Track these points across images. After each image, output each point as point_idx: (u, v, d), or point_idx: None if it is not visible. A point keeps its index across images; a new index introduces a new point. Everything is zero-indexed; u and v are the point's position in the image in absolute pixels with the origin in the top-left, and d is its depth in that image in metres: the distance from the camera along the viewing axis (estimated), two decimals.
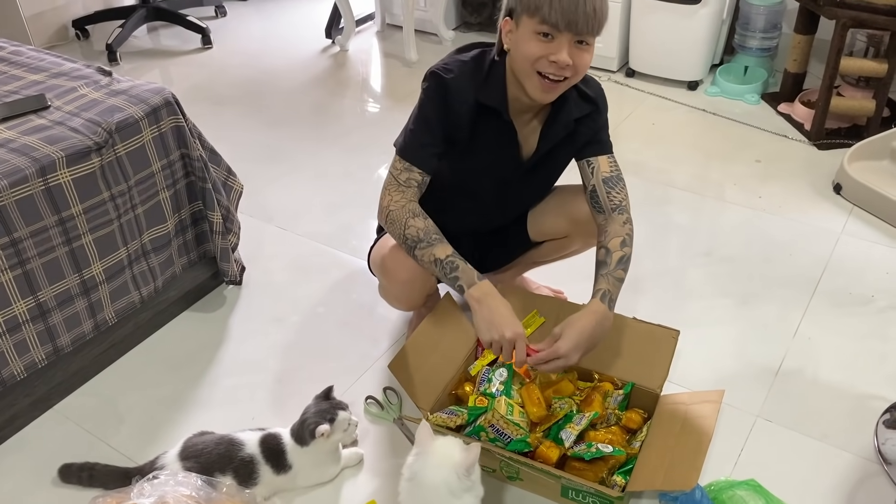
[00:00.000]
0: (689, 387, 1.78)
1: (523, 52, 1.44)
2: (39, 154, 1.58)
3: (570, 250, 1.85)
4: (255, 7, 4.20)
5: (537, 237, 1.83)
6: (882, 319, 1.98)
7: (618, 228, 1.58)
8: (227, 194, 2.01)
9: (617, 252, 1.55)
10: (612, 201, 1.61)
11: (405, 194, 1.55)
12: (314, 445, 1.48)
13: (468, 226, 1.76)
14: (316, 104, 3.18)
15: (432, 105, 1.53)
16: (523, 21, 1.42)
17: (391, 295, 1.80)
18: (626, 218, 1.60)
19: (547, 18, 1.38)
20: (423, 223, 1.54)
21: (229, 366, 1.90)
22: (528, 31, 1.42)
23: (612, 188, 1.62)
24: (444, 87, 1.51)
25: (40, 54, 2.02)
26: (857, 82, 2.77)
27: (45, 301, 1.66)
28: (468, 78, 1.52)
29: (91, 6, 3.83)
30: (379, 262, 1.71)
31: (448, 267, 1.51)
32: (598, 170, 1.63)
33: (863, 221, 2.34)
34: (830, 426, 1.69)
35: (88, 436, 1.72)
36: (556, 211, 1.77)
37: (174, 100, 1.81)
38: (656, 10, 3.01)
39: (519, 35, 1.44)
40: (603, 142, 1.64)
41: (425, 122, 1.54)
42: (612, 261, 1.54)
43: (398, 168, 1.56)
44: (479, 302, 1.48)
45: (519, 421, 1.56)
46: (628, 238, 1.57)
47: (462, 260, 1.51)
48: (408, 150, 1.56)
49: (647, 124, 2.92)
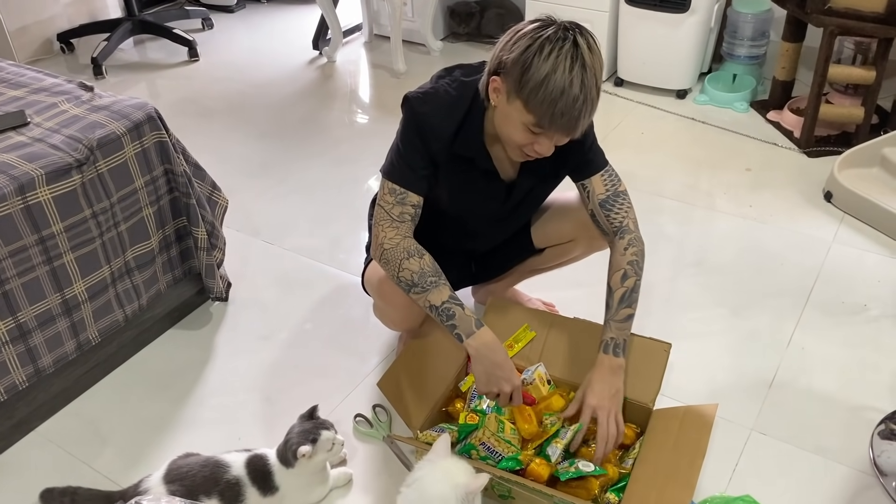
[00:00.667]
0: (683, 400, 1.76)
1: (508, 132, 1.41)
2: (18, 172, 1.55)
3: (573, 255, 1.82)
4: (242, 19, 4.18)
5: (542, 243, 1.80)
6: (875, 328, 1.97)
7: (619, 259, 1.56)
8: (212, 210, 1.98)
9: (619, 290, 1.53)
10: (612, 223, 1.59)
11: (399, 230, 1.50)
12: (299, 466, 1.45)
13: (461, 246, 1.74)
14: (303, 116, 3.15)
15: (412, 132, 1.48)
16: (516, 105, 1.35)
17: (387, 317, 1.77)
18: (627, 241, 1.57)
19: (543, 125, 1.34)
20: (417, 265, 1.47)
21: (215, 385, 1.87)
22: (518, 116, 1.36)
23: (611, 209, 1.59)
24: (418, 122, 1.47)
25: (21, 69, 2.00)
26: (845, 89, 2.77)
27: (25, 322, 1.62)
28: (443, 116, 1.47)
29: (76, 19, 3.79)
30: (375, 285, 1.66)
31: (444, 315, 1.46)
32: (593, 193, 1.60)
33: (854, 229, 2.33)
34: (825, 438, 1.67)
35: (71, 458, 1.68)
36: (561, 216, 1.74)
37: (157, 115, 1.78)
38: (644, 19, 3.00)
39: (508, 110, 1.38)
40: (592, 160, 1.60)
41: (410, 144, 1.49)
42: (614, 302, 1.53)
43: (389, 201, 1.50)
44: (478, 352, 1.45)
45: (510, 438, 1.53)
46: (630, 268, 1.54)
47: (459, 305, 1.46)
48: (396, 174, 1.50)
49: (637, 134, 2.91)
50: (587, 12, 3.06)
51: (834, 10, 2.57)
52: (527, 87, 1.31)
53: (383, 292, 1.63)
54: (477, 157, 1.51)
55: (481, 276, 1.89)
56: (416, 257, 1.48)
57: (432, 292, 1.46)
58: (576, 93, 1.30)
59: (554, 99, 1.30)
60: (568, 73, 1.29)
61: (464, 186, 1.56)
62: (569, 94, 1.29)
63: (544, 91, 1.29)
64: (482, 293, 2.02)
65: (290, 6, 4.31)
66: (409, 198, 1.50)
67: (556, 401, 1.63)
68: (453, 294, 1.47)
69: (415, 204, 1.51)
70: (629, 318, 1.53)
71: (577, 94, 1.30)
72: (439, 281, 1.47)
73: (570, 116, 1.32)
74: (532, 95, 1.31)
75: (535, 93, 1.30)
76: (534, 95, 1.31)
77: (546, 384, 1.67)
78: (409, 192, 1.50)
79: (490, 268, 1.87)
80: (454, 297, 1.47)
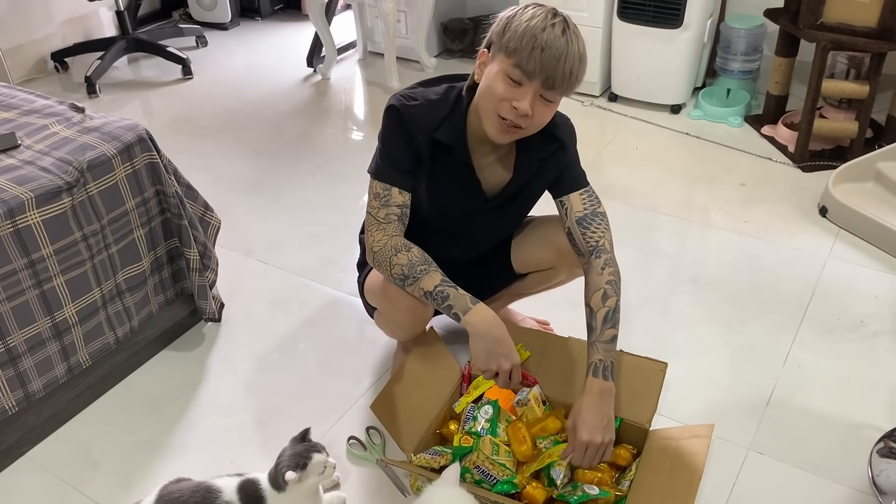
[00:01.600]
0: (679, 419, 1.74)
1: (489, 89, 1.43)
2: (8, 195, 1.54)
3: (556, 281, 1.82)
4: (237, 37, 4.19)
5: (522, 269, 1.79)
6: (872, 345, 1.96)
7: (597, 279, 1.53)
8: (205, 230, 1.97)
9: (601, 310, 1.50)
10: (587, 242, 1.58)
11: (386, 230, 1.52)
12: (290, 491, 1.43)
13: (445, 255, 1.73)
14: (298, 133, 3.15)
15: (394, 131, 1.51)
16: (498, 59, 1.41)
17: (393, 322, 1.74)
18: (604, 261, 1.55)
19: (522, 64, 1.37)
20: (405, 258, 1.50)
21: (207, 407, 1.85)
22: (499, 69, 1.40)
23: (587, 227, 1.58)
24: (401, 115, 1.50)
25: (12, 91, 1.99)
26: (839, 104, 2.77)
27: (14, 346, 1.61)
28: (428, 111, 1.51)
29: (70, 38, 3.80)
30: (380, 291, 1.65)
31: (439, 297, 1.47)
32: (570, 210, 1.59)
33: (849, 244, 2.33)
34: (823, 457, 1.66)
35: (62, 484, 1.66)
36: (540, 242, 1.74)
37: (148, 136, 1.78)
38: (638, 35, 3.01)
39: (490, 70, 1.43)
40: (572, 178, 1.60)
41: (392, 143, 1.52)
42: (597, 323, 1.50)
43: (375, 206, 1.53)
44: (476, 328, 1.44)
45: (505, 461, 1.52)
46: (609, 287, 1.52)
47: (452, 286, 1.47)
48: (381, 172, 1.53)
49: (631, 149, 2.91)
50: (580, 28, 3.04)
51: (826, 24, 2.58)
52: (508, 32, 1.38)
53: (388, 296, 1.62)
54: (457, 147, 1.52)
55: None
56: (404, 251, 1.50)
57: (423, 279, 1.48)
58: (557, 34, 1.36)
59: (534, 34, 1.35)
60: (549, 19, 1.37)
61: (442, 178, 1.57)
62: (549, 33, 1.35)
63: (525, 30, 1.36)
64: None
65: (285, 23, 4.32)
66: (393, 198, 1.52)
67: (552, 423, 1.62)
68: (444, 277, 1.49)
69: (400, 203, 1.52)
70: (614, 340, 1.50)
71: (558, 36, 1.36)
72: (429, 268, 1.49)
73: (550, 55, 1.35)
74: (515, 37, 1.37)
75: (517, 34, 1.37)
76: (517, 36, 1.37)
77: (541, 405, 1.66)
78: (393, 190, 1.52)
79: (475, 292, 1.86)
80: (446, 280, 1.48)
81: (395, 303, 1.63)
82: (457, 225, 1.67)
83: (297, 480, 1.41)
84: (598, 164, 1.57)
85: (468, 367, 1.76)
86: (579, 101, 3.23)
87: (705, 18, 2.96)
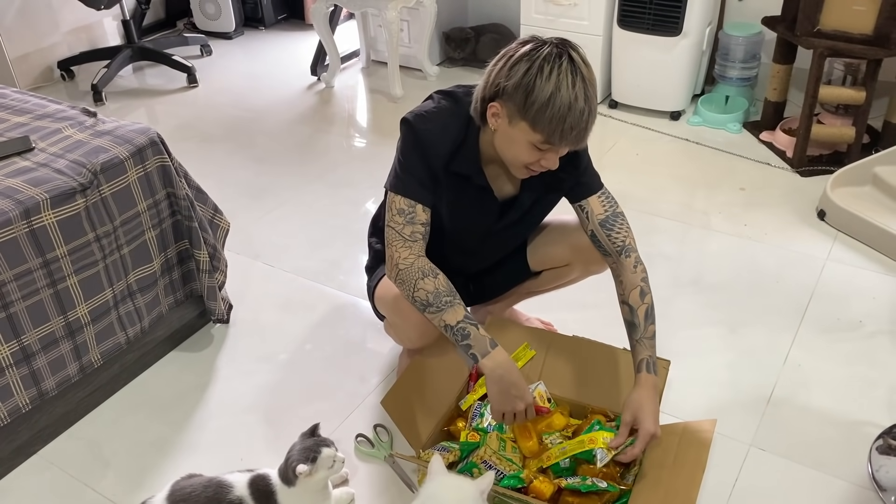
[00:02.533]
0: (682, 417, 1.77)
1: (514, 153, 1.45)
2: (23, 196, 1.57)
3: (569, 279, 1.84)
4: (241, 45, 4.23)
5: (538, 267, 1.82)
6: (871, 345, 1.99)
7: (631, 277, 1.58)
8: (214, 232, 2.00)
9: (641, 307, 1.55)
10: (614, 243, 1.61)
11: (412, 249, 1.51)
12: (300, 485, 1.46)
13: (460, 265, 1.76)
14: (302, 141, 3.19)
15: (413, 148, 1.51)
16: (521, 126, 1.39)
17: (403, 334, 1.76)
18: (635, 259, 1.60)
19: (552, 140, 1.38)
20: (432, 285, 1.49)
21: (217, 407, 1.88)
22: (524, 137, 1.40)
23: (612, 228, 1.62)
24: (418, 138, 1.50)
25: (24, 96, 2.02)
26: (836, 110, 2.81)
27: (29, 344, 1.63)
28: (442, 137, 1.50)
29: (76, 47, 3.84)
30: (391, 303, 1.66)
31: (459, 334, 1.47)
32: (592, 214, 1.63)
33: (848, 247, 2.36)
34: (824, 454, 1.69)
35: (74, 481, 1.69)
36: (557, 240, 1.76)
37: (159, 139, 1.81)
38: (637, 43, 3.05)
39: (512, 133, 1.42)
40: (588, 182, 1.63)
41: (412, 158, 1.52)
42: (639, 321, 1.55)
43: (399, 221, 1.51)
44: (493, 373, 1.47)
45: (511, 456, 1.55)
46: (644, 284, 1.57)
47: (473, 324, 1.47)
48: (402, 186, 1.52)
49: (631, 155, 2.95)
50: (581, 36, 3.11)
51: (823, 32, 2.62)
52: (532, 108, 1.35)
53: (400, 309, 1.63)
54: (473, 175, 1.54)
55: (479, 297, 1.91)
56: (431, 277, 1.49)
57: (447, 312, 1.48)
58: (581, 105, 1.35)
59: (563, 115, 1.34)
60: (572, 88, 1.34)
61: (460, 203, 1.59)
62: (575, 108, 1.35)
63: (551, 110, 1.34)
64: (481, 313, 2.04)
65: (289, 33, 4.37)
66: (417, 215, 1.52)
67: (558, 419, 1.64)
68: (468, 314, 1.49)
69: (423, 221, 1.53)
70: (654, 336, 1.56)
71: (583, 107, 1.35)
72: (454, 301, 1.49)
73: (579, 129, 1.37)
74: (539, 115, 1.35)
75: (541, 112, 1.35)
76: (541, 115, 1.35)
77: (546, 402, 1.68)
78: (417, 207, 1.52)
79: (488, 289, 1.89)
80: (469, 316, 1.48)
81: (405, 317, 1.64)
82: (475, 242, 1.70)
83: (308, 473, 1.43)
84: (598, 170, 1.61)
85: (475, 367, 1.79)
86: None
87: (704, 26, 3.01)
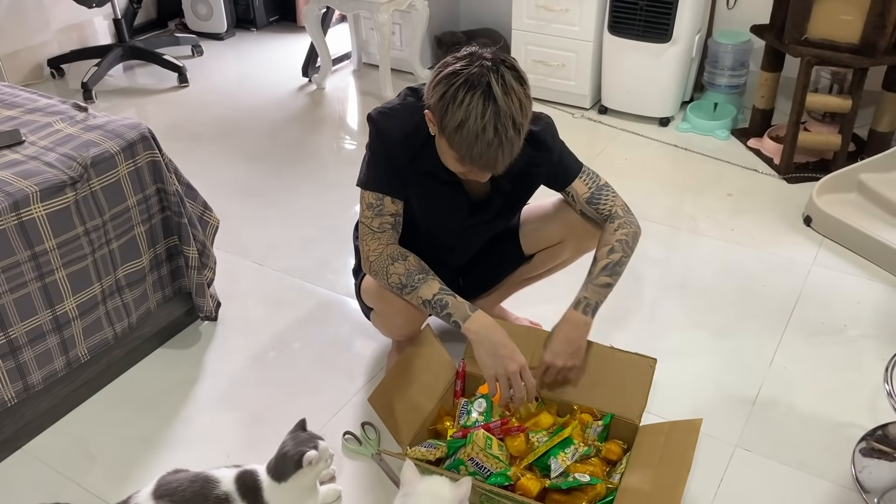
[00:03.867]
0: (668, 417, 1.78)
1: (446, 160, 1.47)
2: (13, 189, 1.57)
3: (562, 259, 1.86)
4: (232, 46, 4.23)
5: (531, 248, 1.84)
6: (855, 348, 2.01)
7: (607, 238, 1.63)
8: (203, 229, 2.00)
9: (603, 260, 1.60)
10: (601, 213, 1.66)
11: (381, 240, 1.56)
12: (293, 480, 1.45)
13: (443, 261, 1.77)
14: (292, 141, 3.19)
15: (380, 145, 1.55)
16: (443, 140, 1.41)
17: (390, 322, 1.77)
18: (617, 224, 1.64)
19: (466, 163, 1.40)
20: (402, 267, 1.53)
21: (204, 403, 1.87)
22: (447, 150, 1.41)
23: (597, 203, 1.66)
24: (382, 134, 1.53)
25: (15, 90, 2.02)
26: (822, 118, 2.84)
27: (15, 337, 1.63)
28: (407, 134, 1.52)
29: (67, 45, 3.83)
30: (375, 291, 1.69)
31: (438, 305, 1.51)
32: (577, 195, 1.66)
33: (833, 252, 2.39)
34: (808, 455, 1.70)
35: (59, 476, 1.68)
36: (548, 218, 1.79)
37: (150, 134, 1.81)
38: (627, 49, 3.08)
39: (440, 143, 1.44)
40: (566, 169, 1.66)
41: (380, 154, 1.55)
42: (595, 270, 1.60)
43: (368, 216, 1.56)
44: (478, 335, 1.49)
45: (498, 454, 1.55)
46: (618, 244, 1.61)
47: (450, 294, 1.51)
48: (371, 182, 1.56)
49: (620, 160, 2.97)
50: (572, 42, 3.13)
51: (810, 40, 2.65)
52: (447, 129, 1.37)
53: (384, 297, 1.66)
54: (438, 171, 1.55)
55: (471, 291, 1.90)
56: (401, 260, 1.54)
57: (421, 288, 1.52)
58: (489, 137, 1.33)
59: (470, 143, 1.35)
60: (480, 119, 1.32)
61: (430, 199, 1.61)
62: (482, 139, 1.34)
63: (460, 136, 1.35)
64: None
65: (280, 35, 4.37)
66: (385, 207, 1.55)
67: (545, 418, 1.65)
68: (443, 285, 1.52)
69: (393, 212, 1.56)
70: (608, 287, 1.59)
71: (490, 139, 1.34)
72: (427, 276, 1.53)
73: (487, 158, 1.36)
74: (452, 137, 1.37)
75: (453, 136, 1.36)
76: (453, 138, 1.36)
77: (534, 401, 1.69)
78: (386, 199, 1.55)
79: (479, 280, 1.90)
80: (444, 288, 1.52)
81: (390, 303, 1.66)
82: (452, 237, 1.71)
83: (316, 461, 1.43)
84: None
85: (463, 365, 1.79)
86: (570, 113, 3.29)
87: (693, 34, 3.04)
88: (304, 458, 1.42)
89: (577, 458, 1.54)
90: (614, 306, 2.12)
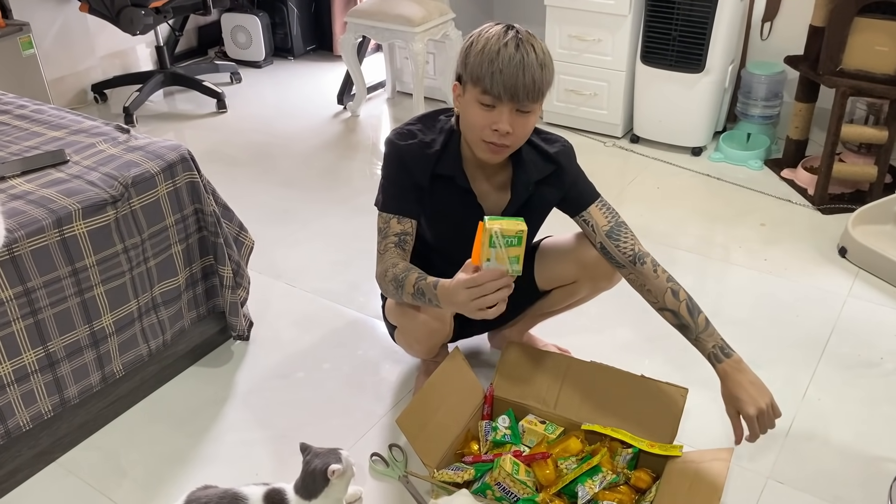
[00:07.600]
0: (698, 447, 1.75)
1: (468, 119, 1.52)
2: (56, 206, 1.62)
3: (579, 297, 1.85)
4: (270, 74, 4.32)
5: (545, 285, 1.84)
6: (891, 381, 1.97)
7: (656, 283, 1.62)
8: (239, 249, 2.03)
9: (681, 305, 1.60)
10: (624, 253, 1.64)
11: (383, 259, 1.62)
12: (323, 497, 1.46)
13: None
14: (326, 167, 3.24)
15: (396, 164, 1.61)
16: (468, 89, 1.49)
17: (411, 337, 1.79)
18: (651, 263, 1.63)
19: (489, 90, 1.45)
20: (392, 273, 1.58)
21: (234, 422, 1.89)
22: (472, 99, 1.49)
23: (618, 239, 1.65)
24: (400, 152, 1.60)
25: (61, 112, 2.09)
26: (858, 149, 2.82)
27: (54, 351, 1.66)
28: (424, 148, 1.59)
29: (110, 71, 3.95)
30: (396, 307, 1.73)
31: (419, 294, 1.53)
32: (597, 226, 1.66)
33: (869, 284, 2.35)
34: (843, 489, 1.67)
35: (91, 490, 1.70)
36: (563, 256, 1.78)
37: (190, 156, 1.86)
38: (660, 79, 3.09)
39: (465, 101, 1.52)
40: (582, 192, 1.67)
41: (394, 174, 1.62)
42: (687, 319, 1.59)
43: (378, 238, 1.63)
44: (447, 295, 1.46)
45: (525, 479, 1.54)
46: (672, 283, 1.61)
47: (423, 279, 1.52)
48: (387, 203, 1.63)
49: (652, 188, 2.97)
50: (604, 71, 3.15)
51: (846, 71, 2.64)
52: (469, 63, 1.47)
53: (405, 312, 1.71)
54: (456, 175, 1.60)
55: (491, 322, 1.90)
56: (391, 268, 1.59)
57: (406, 284, 1.55)
58: (511, 51, 1.42)
59: (492, 59, 1.43)
60: (502, 38, 1.44)
61: (444, 211, 1.65)
62: (504, 53, 1.42)
63: (482, 56, 1.44)
64: (498, 339, 2.05)
65: (316, 63, 4.46)
66: (391, 228, 1.61)
67: (574, 444, 1.64)
68: (419, 273, 1.54)
69: (397, 232, 1.61)
70: (709, 322, 1.59)
71: (512, 53, 1.42)
72: (408, 272, 1.56)
73: (509, 73, 1.42)
74: (475, 66, 1.45)
75: (476, 62, 1.45)
76: (476, 64, 1.45)
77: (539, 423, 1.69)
78: (392, 220, 1.61)
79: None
80: (420, 275, 1.54)
81: (411, 316, 1.70)
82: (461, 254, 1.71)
83: (342, 473, 1.44)
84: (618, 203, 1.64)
85: (491, 389, 1.79)
86: (601, 141, 3.30)
87: (727, 64, 3.04)
88: (328, 469, 1.43)
89: (605, 485, 1.53)
90: (646, 336, 2.11)
